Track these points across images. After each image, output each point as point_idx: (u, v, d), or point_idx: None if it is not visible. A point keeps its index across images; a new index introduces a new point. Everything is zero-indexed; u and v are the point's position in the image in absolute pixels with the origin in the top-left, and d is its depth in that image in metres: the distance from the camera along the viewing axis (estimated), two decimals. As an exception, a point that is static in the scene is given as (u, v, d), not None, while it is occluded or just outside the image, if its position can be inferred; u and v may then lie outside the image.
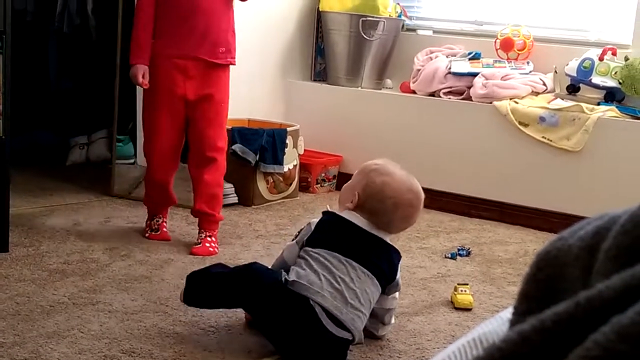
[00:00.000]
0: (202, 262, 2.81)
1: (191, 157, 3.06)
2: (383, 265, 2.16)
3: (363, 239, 2.18)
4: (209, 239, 3.01)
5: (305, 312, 2.02)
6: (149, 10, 2.92)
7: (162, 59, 2.93)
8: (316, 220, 2.23)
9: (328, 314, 2.03)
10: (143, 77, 2.90)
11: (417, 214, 2.25)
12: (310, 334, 2.03)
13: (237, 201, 3.68)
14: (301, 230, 2.27)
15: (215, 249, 2.98)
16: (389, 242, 2.23)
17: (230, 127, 3.64)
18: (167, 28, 2.93)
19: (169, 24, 2.93)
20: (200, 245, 2.98)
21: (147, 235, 3.10)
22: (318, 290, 2.04)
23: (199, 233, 3.05)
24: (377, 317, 2.21)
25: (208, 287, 2.17)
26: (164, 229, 3.13)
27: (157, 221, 3.13)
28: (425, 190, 3.87)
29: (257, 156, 3.66)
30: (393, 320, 2.29)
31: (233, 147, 3.62)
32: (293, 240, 2.27)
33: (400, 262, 2.24)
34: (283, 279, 2.08)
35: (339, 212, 2.24)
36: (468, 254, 3.15)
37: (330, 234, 2.18)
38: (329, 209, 2.31)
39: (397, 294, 2.26)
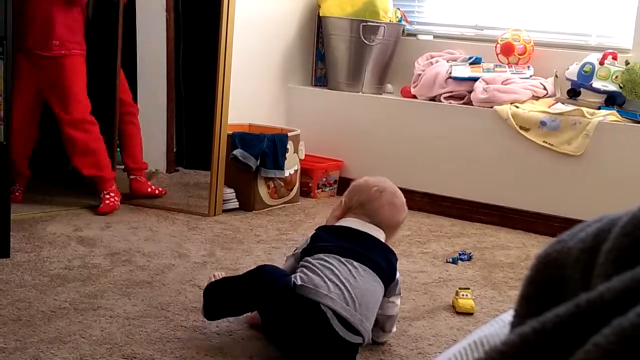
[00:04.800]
0: (202, 266, 2.81)
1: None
2: (382, 263, 2.16)
3: (358, 239, 2.19)
4: (107, 196, 3.44)
5: (317, 317, 2.01)
6: None
7: None
8: (310, 234, 2.27)
9: (338, 318, 2.02)
10: None
11: (402, 208, 2.31)
12: (323, 340, 2.02)
13: (237, 206, 3.68)
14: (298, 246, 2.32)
15: (117, 202, 3.45)
16: (383, 241, 2.24)
17: (231, 132, 3.65)
18: None
19: None
20: (102, 205, 3.42)
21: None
22: (326, 294, 2.03)
23: (99, 195, 3.46)
24: (379, 323, 2.20)
25: (223, 295, 2.19)
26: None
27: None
28: (426, 194, 3.91)
29: (258, 161, 3.66)
30: (394, 329, 2.28)
31: (234, 152, 3.62)
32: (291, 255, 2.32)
33: (398, 263, 2.24)
34: (292, 282, 2.08)
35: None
36: (469, 258, 3.14)
37: (326, 240, 2.19)
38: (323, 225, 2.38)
39: (398, 299, 2.24)
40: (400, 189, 3.93)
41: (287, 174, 3.78)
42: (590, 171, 3.52)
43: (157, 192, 3.75)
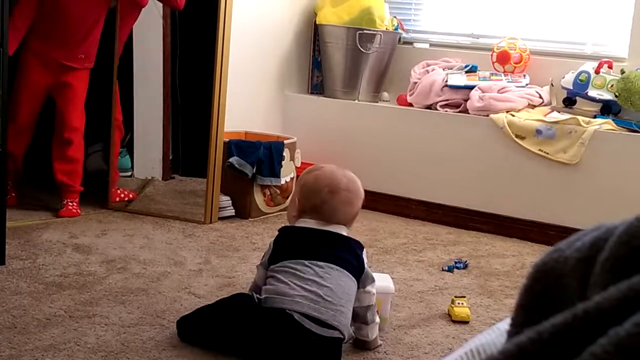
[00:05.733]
0: (198, 274, 2.81)
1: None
2: (348, 257, 2.16)
3: (319, 238, 2.19)
4: (70, 204, 3.53)
5: (283, 322, 2.04)
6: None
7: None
8: (273, 239, 2.24)
9: (309, 317, 2.04)
10: None
11: (358, 200, 2.26)
12: (296, 342, 2.03)
13: (234, 214, 3.68)
14: (265, 253, 2.28)
15: (78, 211, 3.52)
16: (346, 234, 2.23)
17: (227, 139, 3.65)
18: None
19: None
20: (64, 209, 3.49)
21: None
22: (291, 299, 2.05)
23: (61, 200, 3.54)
24: (359, 317, 2.20)
25: (195, 324, 2.20)
26: None
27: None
28: (422, 202, 3.91)
29: (254, 169, 3.66)
30: (377, 319, 2.26)
31: (230, 159, 3.62)
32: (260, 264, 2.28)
33: (364, 252, 2.24)
34: (255, 299, 2.10)
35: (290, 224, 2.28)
36: (465, 266, 3.14)
37: (288, 245, 2.19)
38: (283, 226, 2.34)
39: (373, 287, 2.22)
40: (396, 196, 3.97)
41: (283, 181, 3.78)
42: (585, 180, 3.52)
43: (130, 196, 3.76)
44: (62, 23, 3.39)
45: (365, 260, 2.23)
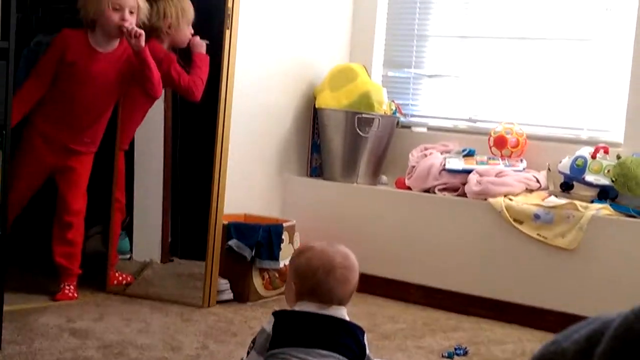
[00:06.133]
0: (196, 359, 2.78)
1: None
2: (349, 342, 2.12)
3: (320, 324, 2.14)
4: (67, 287, 3.50)
5: None
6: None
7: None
8: (270, 324, 2.15)
9: None
10: None
11: (354, 274, 2.20)
12: None
13: (232, 297, 3.66)
14: (255, 337, 2.18)
15: (75, 295, 3.50)
16: (347, 319, 2.18)
17: (226, 222, 3.66)
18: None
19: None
20: (61, 293, 3.48)
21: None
22: None
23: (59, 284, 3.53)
24: None
25: None
26: None
27: None
28: (420, 287, 3.89)
29: (253, 252, 3.66)
30: None
31: (229, 242, 3.62)
32: (250, 349, 2.18)
33: (366, 336, 2.20)
34: None
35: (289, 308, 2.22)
36: (465, 353, 3.11)
37: (288, 331, 2.13)
38: (277, 309, 2.27)
39: None
40: (395, 280, 3.95)
41: (282, 265, 3.77)
42: (584, 265, 3.51)
43: (128, 279, 3.77)
44: (72, 108, 3.43)
45: (367, 345, 2.20)
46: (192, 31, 3.71)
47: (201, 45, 3.70)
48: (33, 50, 3.94)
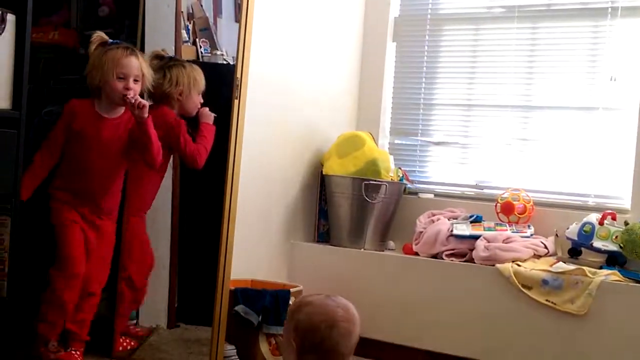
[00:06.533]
0: None
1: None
2: None
3: None
4: (74, 352, 3.41)
5: None
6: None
7: None
8: None
9: None
10: None
11: (357, 327, 2.14)
12: None
13: (238, 363, 3.63)
14: None
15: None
16: None
17: (233, 287, 3.65)
18: None
19: None
20: (67, 353, 3.37)
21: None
22: None
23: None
24: None
25: None
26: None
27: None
28: (428, 352, 3.85)
29: (260, 317, 3.64)
30: None
31: (236, 308, 3.61)
32: None
33: None
34: None
35: None
36: (474, 420, 3.07)
37: None
38: None
39: None
40: (402, 346, 3.92)
41: (288, 330, 3.74)
42: (594, 331, 3.48)
43: (132, 344, 3.74)
44: (85, 176, 3.41)
45: None
46: (202, 100, 3.77)
47: (209, 116, 3.76)
48: (44, 120, 3.99)
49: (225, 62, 4.16)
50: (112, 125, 3.44)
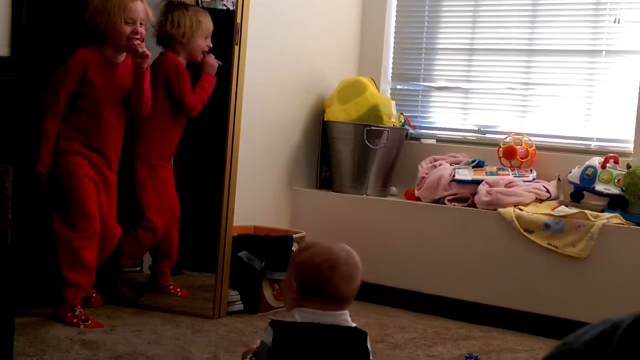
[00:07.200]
0: (207, 371, 2.78)
1: None
2: (353, 352, 2.06)
3: (324, 337, 2.03)
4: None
5: None
6: None
7: None
8: (269, 336, 1.99)
9: None
10: None
11: (358, 273, 2.11)
12: None
13: (242, 308, 3.66)
14: (257, 350, 2.07)
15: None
16: (350, 324, 2.07)
17: (236, 234, 3.66)
18: None
19: None
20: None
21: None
22: None
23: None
24: None
25: None
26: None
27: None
28: (431, 296, 3.89)
29: (263, 263, 3.66)
30: None
31: (239, 254, 3.63)
32: None
33: (368, 340, 2.11)
34: None
35: (288, 313, 2.09)
36: (476, 362, 3.11)
37: (290, 346, 2.00)
38: (273, 319, 2.06)
39: None
40: (405, 290, 3.95)
41: (292, 276, 3.77)
42: (595, 273, 3.51)
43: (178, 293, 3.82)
44: (97, 124, 3.37)
45: (370, 349, 2.13)
46: (211, 45, 3.73)
47: (212, 66, 3.70)
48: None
49: (224, 8, 4.12)
50: (121, 71, 3.41)
